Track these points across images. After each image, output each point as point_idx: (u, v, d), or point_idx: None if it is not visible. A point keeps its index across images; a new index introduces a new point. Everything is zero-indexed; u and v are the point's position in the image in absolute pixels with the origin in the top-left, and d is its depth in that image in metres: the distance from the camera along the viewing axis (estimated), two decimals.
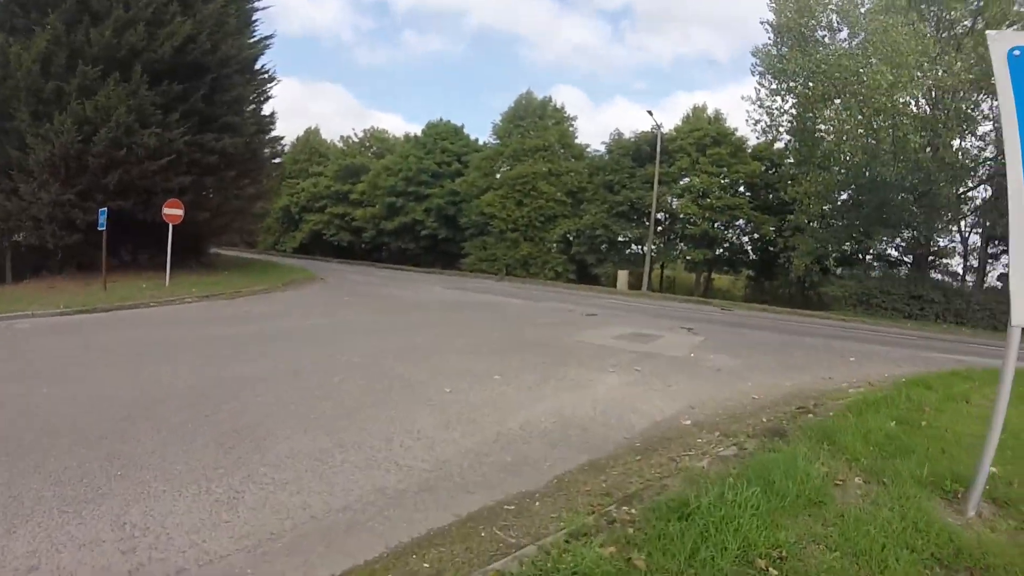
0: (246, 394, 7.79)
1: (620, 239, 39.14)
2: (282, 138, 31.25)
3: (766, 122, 32.79)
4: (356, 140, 54.38)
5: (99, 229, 19.05)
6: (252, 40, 26.96)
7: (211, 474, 5.22)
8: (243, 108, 26.16)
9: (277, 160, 33.16)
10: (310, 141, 55.95)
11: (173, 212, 20.52)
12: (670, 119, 53.00)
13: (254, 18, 27.44)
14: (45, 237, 21.45)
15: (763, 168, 36.36)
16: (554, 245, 40.19)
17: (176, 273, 21.39)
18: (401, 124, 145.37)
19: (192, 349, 11.01)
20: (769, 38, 31.91)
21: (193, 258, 26.41)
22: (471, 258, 41.54)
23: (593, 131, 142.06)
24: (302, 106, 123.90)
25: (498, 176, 41.59)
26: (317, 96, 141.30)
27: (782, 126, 32.94)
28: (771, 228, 35.38)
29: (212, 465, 5.40)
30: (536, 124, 41.34)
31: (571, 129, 42.68)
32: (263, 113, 28.79)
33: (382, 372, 9.23)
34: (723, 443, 6.30)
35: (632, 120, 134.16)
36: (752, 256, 39.42)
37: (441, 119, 48.11)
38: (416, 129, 53.64)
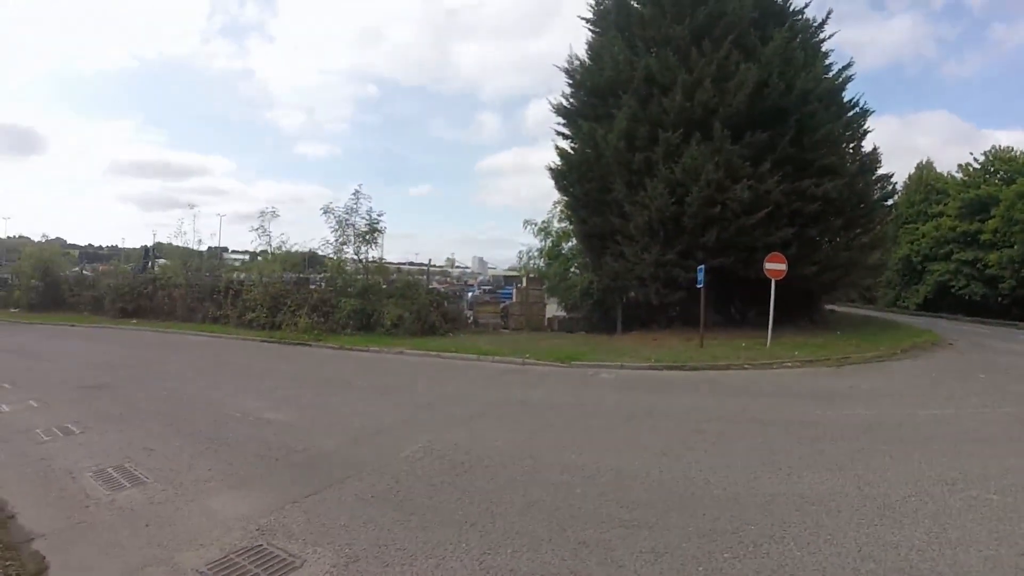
0: (802, 530, 5.36)
1: None
2: (891, 175, 27.12)
3: None
4: (977, 166, 44.51)
5: (698, 287, 18.45)
6: (829, 73, 24.02)
7: None
8: (837, 146, 23.30)
9: (888, 202, 29.10)
10: (923, 178, 48.26)
11: (775, 267, 18.74)
12: None
13: (824, 49, 24.48)
14: (649, 294, 22.06)
15: None
16: None
17: (782, 332, 19.54)
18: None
19: (759, 433, 8.91)
20: None
21: (804, 316, 24.43)
22: None
23: None
24: (906, 142, 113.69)
25: None
26: (919, 128, 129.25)
27: None
28: None
29: None
30: None
31: None
32: (863, 150, 25.57)
33: None
34: None
35: None
36: None
37: None
38: None
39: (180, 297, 25.98)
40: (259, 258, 26.35)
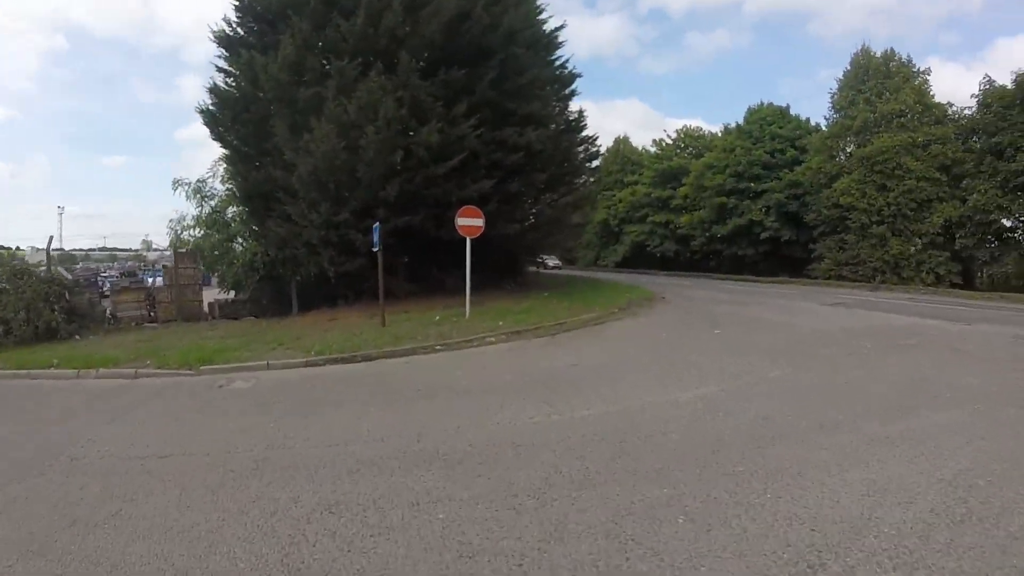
0: None
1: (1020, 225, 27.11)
2: (596, 137, 24.26)
3: None
4: (670, 142, 46.77)
5: (374, 250, 13.86)
6: (542, 26, 20.81)
7: None
8: (544, 96, 20.09)
9: (593, 164, 26.46)
10: (621, 150, 49.85)
11: (469, 223, 14.80)
12: (998, 72, 38.54)
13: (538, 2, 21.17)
14: (323, 264, 17.16)
15: None
16: (930, 239, 28.32)
17: (484, 298, 16.17)
18: (704, 127, 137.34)
19: (453, 488, 4.84)
20: None
21: (509, 279, 21.20)
22: (825, 263, 31.56)
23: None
24: (601, 124, 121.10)
25: (842, 157, 31.91)
26: (614, 113, 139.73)
27: None
28: None
29: None
30: (883, 85, 31.18)
31: (926, 86, 31.17)
32: (569, 111, 22.89)
33: None
34: None
35: (953, 82, 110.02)
36: None
37: (762, 103, 39.40)
38: (718, 129, 45.46)
39: None
40: None
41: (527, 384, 8.33)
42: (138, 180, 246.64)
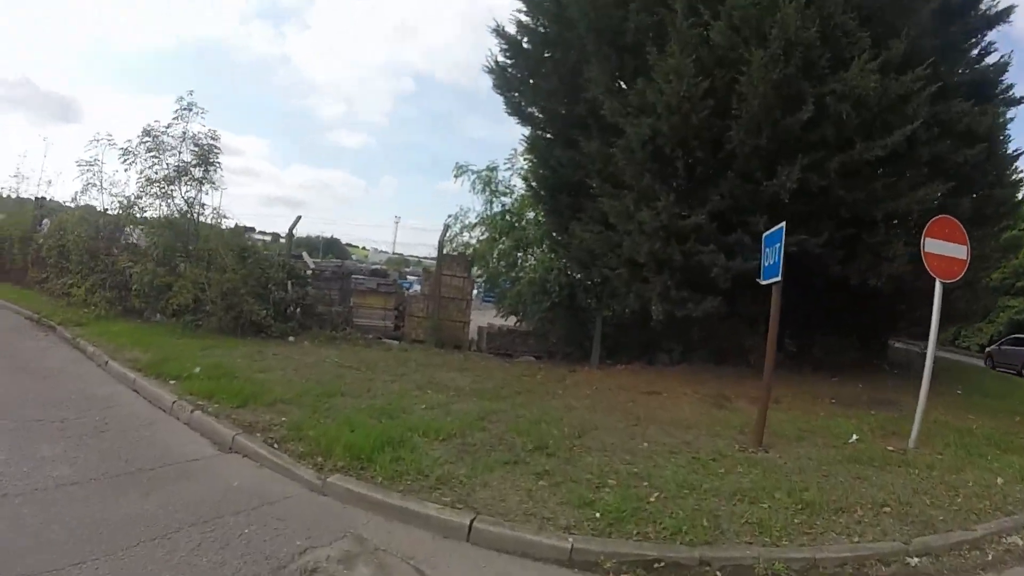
0: None
1: None
2: (1020, 154, 12.92)
3: None
4: None
5: (761, 282, 6.79)
6: None
7: None
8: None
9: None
10: None
11: (946, 250, 6.86)
12: None
13: None
14: (650, 299, 9.88)
15: None
16: None
17: (851, 387, 9.22)
18: None
19: None
20: None
21: (870, 356, 12.73)
22: None
23: None
24: None
25: None
26: None
27: None
28: None
29: None
30: None
31: None
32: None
33: None
34: None
35: None
36: None
37: None
38: None
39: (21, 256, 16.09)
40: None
41: None
42: (467, 202, 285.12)
